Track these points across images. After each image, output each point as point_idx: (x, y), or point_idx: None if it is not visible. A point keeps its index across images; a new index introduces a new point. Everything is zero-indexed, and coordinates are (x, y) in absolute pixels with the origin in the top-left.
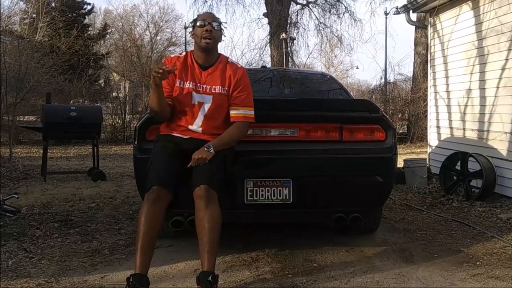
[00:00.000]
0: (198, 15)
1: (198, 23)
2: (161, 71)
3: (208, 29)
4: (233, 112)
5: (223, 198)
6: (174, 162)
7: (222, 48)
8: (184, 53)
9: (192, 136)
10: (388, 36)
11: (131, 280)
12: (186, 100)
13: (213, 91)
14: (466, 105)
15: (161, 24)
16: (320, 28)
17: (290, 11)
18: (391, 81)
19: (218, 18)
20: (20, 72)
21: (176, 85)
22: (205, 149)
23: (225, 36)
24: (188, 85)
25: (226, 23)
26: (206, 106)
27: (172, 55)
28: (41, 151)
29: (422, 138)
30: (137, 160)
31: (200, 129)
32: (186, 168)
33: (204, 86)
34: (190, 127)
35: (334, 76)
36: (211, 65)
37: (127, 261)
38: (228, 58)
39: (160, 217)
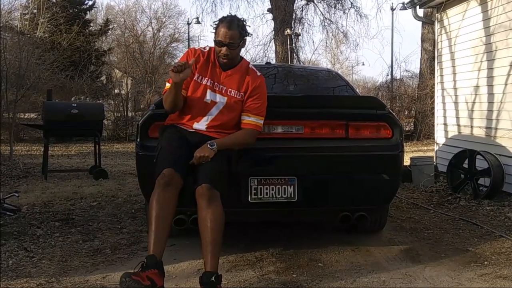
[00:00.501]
0: (220, 23)
1: (216, 39)
2: (179, 65)
3: (224, 53)
4: (245, 119)
5: (227, 196)
6: (184, 150)
7: None
8: (207, 48)
9: (197, 131)
10: (394, 32)
11: (145, 261)
12: (199, 96)
13: (228, 93)
14: (473, 102)
15: (164, 20)
16: (326, 24)
17: (294, 7)
18: (398, 77)
19: (239, 28)
20: (20, 68)
21: (194, 79)
22: (208, 146)
23: (251, 35)
24: (205, 81)
25: (250, 34)
26: (218, 107)
27: (196, 47)
28: (42, 149)
29: (429, 135)
30: (139, 158)
31: (205, 127)
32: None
33: (221, 86)
34: (195, 125)
35: (339, 72)
36: (232, 67)
37: (129, 261)
38: (249, 63)
39: (173, 202)
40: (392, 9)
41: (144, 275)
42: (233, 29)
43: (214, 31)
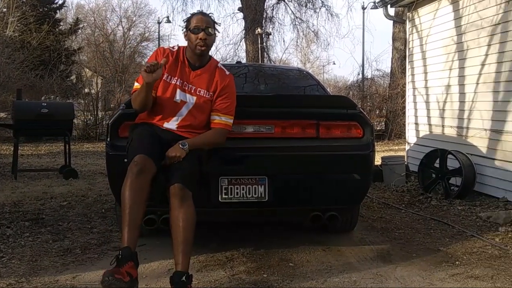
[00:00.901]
0: (192, 15)
1: (191, 28)
2: (151, 65)
3: (202, 37)
4: (214, 118)
5: (197, 196)
6: (156, 145)
7: None
8: (176, 47)
9: (168, 130)
10: (365, 31)
11: (120, 253)
12: (169, 96)
13: (197, 93)
14: (445, 102)
15: (134, 19)
16: (296, 23)
17: (265, 6)
18: (369, 77)
19: (211, 18)
20: None
21: (163, 78)
22: (180, 146)
23: (219, 32)
24: (175, 81)
25: (219, 24)
26: (188, 106)
27: (165, 47)
28: (12, 149)
29: (400, 135)
30: (109, 157)
31: (176, 127)
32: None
33: (190, 86)
34: (165, 125)
35: (310, 72)
36: (201, 66)
37: (99, 261)
38: (218, 62)
39: (145, 189)
40: (363, 8)
41: (124, 270)
42: (208, 17)
43: (185, 27)
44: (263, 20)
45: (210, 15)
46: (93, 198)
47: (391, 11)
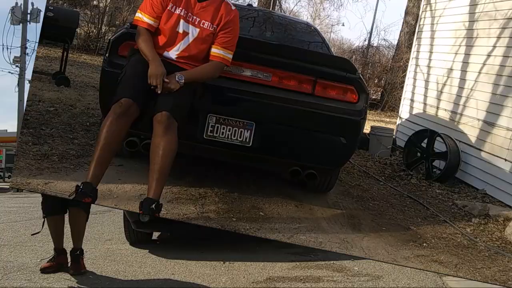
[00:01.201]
0: None
1: None
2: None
3: None
4: (213, 51)
5: (183, 128)
6: (147, 78)
7: None
8: None
9: (166, 60)
10: (380, 0)
11: (80, 187)
12: (172, 25)
13: (201, 25)
14: (444, 84)
15: None
16: None
17: None
18: (375, 45)
19: None
20: None
21: (168, 8)
22: (176, 79)
23: None
24: (179, 11)
25: None
26: (190, 38)
27: None
28: None
29: (394, 108)
30: (104, 73)
31: (175, 57)
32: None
33: (194, 17)
34: (165, 53)
35: (318, 28)
36: None
37: (74, 172)
38: None
39: (123, 132)
40: None
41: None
42: None
43: None
44: None
45: None
46: (80, 110)
47: None
